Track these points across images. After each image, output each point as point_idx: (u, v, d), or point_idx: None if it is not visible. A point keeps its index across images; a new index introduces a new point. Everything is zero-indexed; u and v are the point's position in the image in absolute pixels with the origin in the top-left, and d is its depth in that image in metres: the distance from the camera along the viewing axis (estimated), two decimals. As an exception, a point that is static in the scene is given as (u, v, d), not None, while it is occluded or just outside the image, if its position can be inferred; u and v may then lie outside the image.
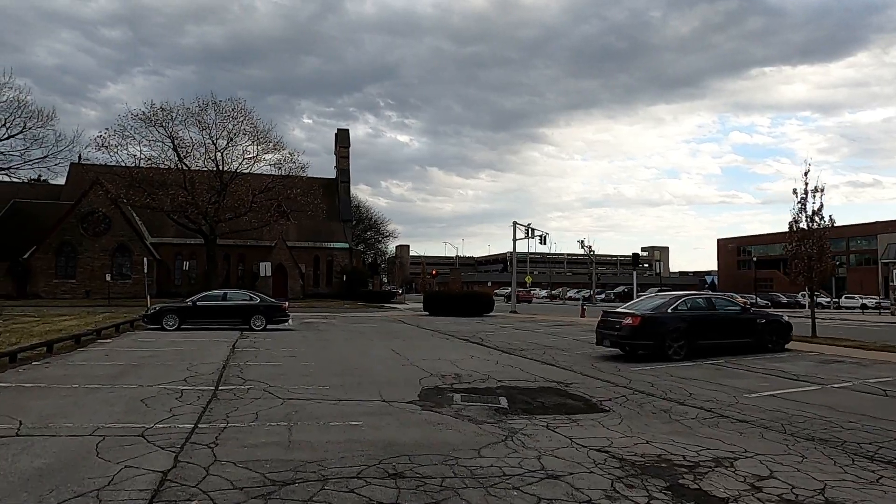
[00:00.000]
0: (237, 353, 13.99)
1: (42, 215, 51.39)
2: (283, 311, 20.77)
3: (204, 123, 45.18)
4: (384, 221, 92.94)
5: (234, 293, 21.05)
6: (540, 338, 19.59)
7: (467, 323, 26.47)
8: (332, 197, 64.56)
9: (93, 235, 51.26)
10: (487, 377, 11.36)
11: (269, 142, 46.60)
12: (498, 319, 29.26)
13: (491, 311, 31.61)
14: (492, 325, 25.07)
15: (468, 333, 20.97)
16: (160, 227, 55.58)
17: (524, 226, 39.32)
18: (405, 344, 17.15)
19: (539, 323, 26.95)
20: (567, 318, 30.27)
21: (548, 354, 14.83)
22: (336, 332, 21.08)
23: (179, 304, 20.19)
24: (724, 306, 14.05)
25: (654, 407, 8.77)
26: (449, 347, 16.57)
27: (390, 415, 7.85)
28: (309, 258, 60.03)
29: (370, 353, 14.84)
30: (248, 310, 20.18)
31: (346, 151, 66.90)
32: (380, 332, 21.57)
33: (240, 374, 10.79)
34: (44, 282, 49.77)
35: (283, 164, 47.24)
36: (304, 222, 59.57)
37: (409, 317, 31.10)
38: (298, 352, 14.54)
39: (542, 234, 42.53)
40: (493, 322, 27.42)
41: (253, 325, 20.11)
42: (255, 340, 17.07)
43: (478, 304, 30.62)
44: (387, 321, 27.70)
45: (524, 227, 39.41)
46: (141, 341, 16.22)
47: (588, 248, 56.97)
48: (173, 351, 13.93)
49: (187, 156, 44.89)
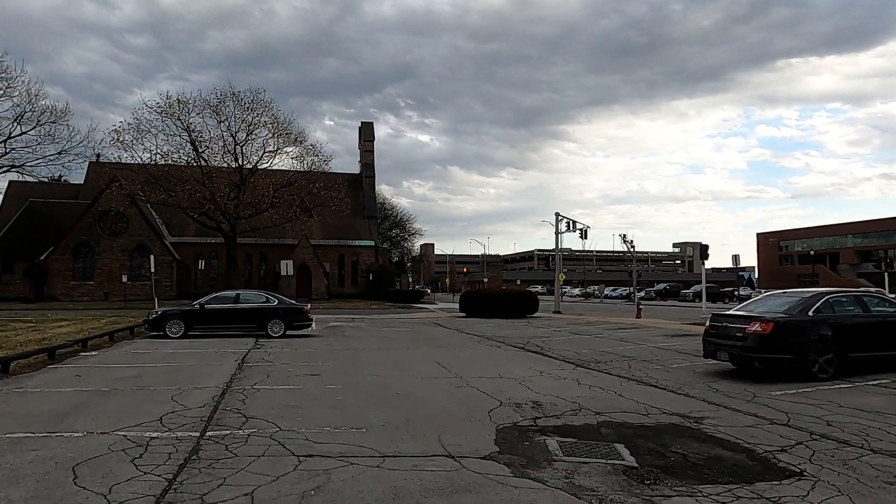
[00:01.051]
0: (246, 370, 11.10)
1: (59, 215, 49.68)
2: (305, 314, 17.93)
3: (222, 115, 42.79)
4: (410, 218, 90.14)
5: (249, 294, 18.27)
6: (610, 345, 16.37)
7: (512, 326, 23.35)
8: (357, 193, 61.97)
9: (111, 235, 49.37)
10: (578, 406, 8.27)
11: (289, 133, 44.06)
12: (545, 321, 26.08)
13: (536, 312, 28.43)
14: (542, 329, 21.91)
15: (520, 339, 17.86)
16: (180, 227, 53.55)
17: (567, 218, 36.04)
18: (451, 354, 14.11)
19: (595, 325, 23.69)
20: (624, 320, 26.92)
21: (637, 369, 11.65)
22: (365, 338, 18.16)
23: (185, 308, 17.47)
24: (878, 306, 10.67)
25: (874, 468, 5.57)
26: (505, 358, 13.48)
27: (469, 490, 4.80)
28: (333, 257, 57.48)
29: (411, 367, 11.84)
30: (265, 313, 17.37)
31: (371, 145, 64.23)
32: (416, 337, 18.59)
33: (242, 406, 7.85)
34: (61, 284, 48.02)
35: (305, 157, 44.66)
36: (328, 219, 57.03)
37: (444, 319, 28.09)
38: (322, 368, 11.59)
39: (582, 227, 39.25)
40: (541, 324, 24.25)
41: (270, 331, 17.30)
42: (270, 351, 14.20)
43: (521, 304, 27.46)
44: (420, 324, 24.73)
45: (566, 220, 36.12)
46: (133, 354, 13.47)
47: (629, 243, 53.33)
48: (165, 368, 11.10)
49: (205, 150, 42.57)
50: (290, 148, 45.14)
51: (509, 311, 27.00)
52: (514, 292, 28.42)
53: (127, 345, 15.27)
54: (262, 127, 44.35)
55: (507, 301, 27.13)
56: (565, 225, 38.17)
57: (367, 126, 64.95)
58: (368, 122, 65.24)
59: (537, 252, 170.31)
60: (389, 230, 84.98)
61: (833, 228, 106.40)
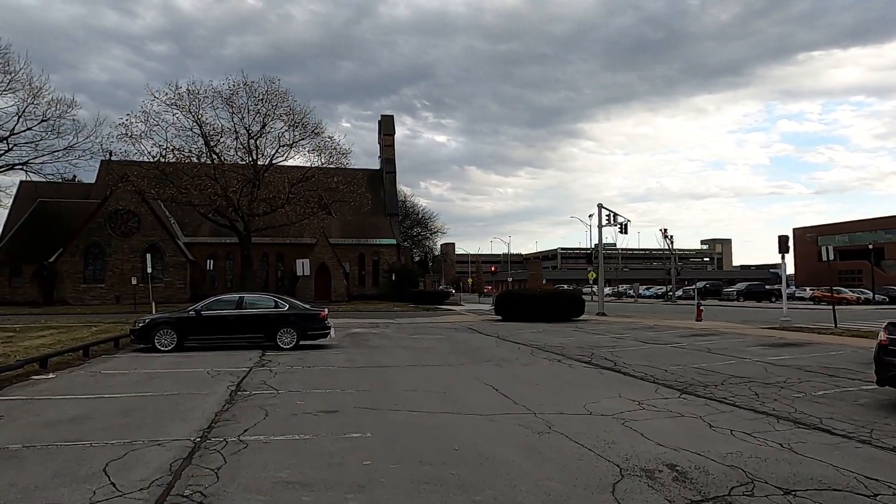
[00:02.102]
0: (238, 403, 8.14)
1: (69, 215, 47.63)
2: (321, 321, 14.99)
3: (235, 107, 40.23)
4: (432, 216, 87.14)
5: (255, 298, 15.36)
6: (701, 358, 13.12)
7: (561, 331, 20.18)
8: (377, 190, 59.15)
9: (122, 235, 47.18)
10: (744, 475, 5.13)
11: (306, 125, 41.32)
12: (595, 325, 22.85)
13: (582, 314, 25.15)
14: (600, 336, 18.69)
15: (579, 350, 14.70)
16: (194, 226, 51.24)
17: (609, 210, 32.71)
18: (505, 373, 11.02)
19: (659, 330, 20.39)
20: (685, 323, 23.54)
21: (771, 399, 8.44)
22: (394, 349, 15.15)
23: (178, 315, 14.60)
24: None
25: None
26: (578, 380, 10.36)
27: None
28: (353, 256, 54.73)
29: (461, 396, 8.78)
30: (273, 321, 14.47)
31: (391, 139, 61.36)
32: (454, 348, 15.54)
33: (211, 487, 4.83)
34: (71, 287, 45.93)
35: (323, 150, 41.88)
36: (348, 217, 54.27)
37: (478, 323, 25.00)
38: (343, 398, 8.58)
39: (623, 220, 35.89)
40: (592, 329, 21.04)
41: (280, 341, 14.41)
42: (276, 370, 11.26)
43: (565, 306, 24.23)
44: (452, 329, 21.68)
45: (608, 213, 32.79)
46: (101, 376, 10.59)
47: (669, 238, 49.80)
48: (129, 402, 8.17)
49: (217, 143, 40.02)
50: (307, 141, 42.44)
51: (553, 314, 23.82)
52: (558, 292, 25.15)
53: (103, 361, 12.44)
54: (277, 119, 41.76)
55: (551, 303, 23.89)
56: (605, 218, 34.88)
57: (387, 119, 62.07)
58: (388, 116, 62.39)
59: (560, 250, 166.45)
60: (411, 228, 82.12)
61: (878, 222, 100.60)
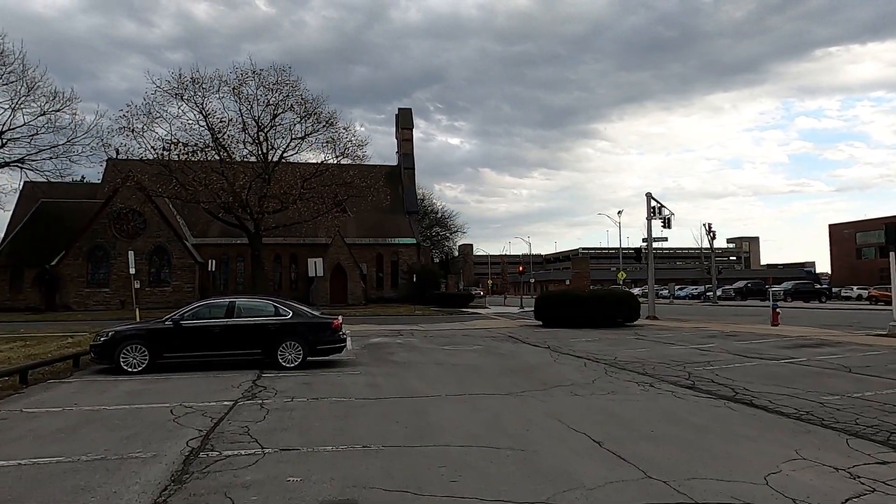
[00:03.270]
0: (187, 487, 4.93)
1: (72, 216, 45.17)
2: (335, 330, 11.82)
3: (243, 97, 37.44)
4: (451, 215, 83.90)
5: (250, 303, 12.10)
6: (856, 384, 9.68)
7: (623, 340, 16.82)
8: (395, 187, 56.11)
9: (127, 237, 44.56)
10: None
11: (318, 114, 38.38)
12: (657, 331, 19.42)
13: (637, 318, 21.71)
14: (678, 347, 15.28)
15: (668, 368, 11.36)
16: (203, 227, 48.53)
17: (656, 202, 29.20)
18: (596, 412, 7.72)
19: (744, 338, 16.87)
20: (763, 328, 20.00)
21: None
22: (426, 367, 11.91)
23: (151, 326, 11.46)
24: None
25: None
26: (714, 425, 7.01)
27: None
28: (371, 257, 51.70)
29: (559, 467, 5.50)
30: (273, 332, 11.33)
31: (409, 133, 58.28)
32: (500, 364, 12.28)
33: None
34: (74, 291, 43.43)
35: (337, 142, 38.88)
36: (364, 215, 51.26)
37: (516, 329, 21.71)
38: (363, 474, 5.31)
39: (668, 214, 32.38)
40: (660, 337, 17.62)
41: (281, 358, 11.28)
42: (269, 406, 8.07)
43: (618, 310, 20.80)
44: (489, 337, 18.41)
45: (656, 203, 29.30)
46: (21, 416, 7.46)
47: (711, 234, 46.09)
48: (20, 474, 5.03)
49: (224, 134, 37.24)
50: (320, 133, 39.49)
51: (602, 319, 20.44)
52: (610, 294, 21.66)
53: (45, 390, 9.36)
54: (289, 110, 38.88)
55: (603, 305, 20.46)
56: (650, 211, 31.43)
57: (405, 113, 59.00)
58: (406, 109, 59.31)
59: (581, 251, 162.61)
60: (430, 228, 79.00)
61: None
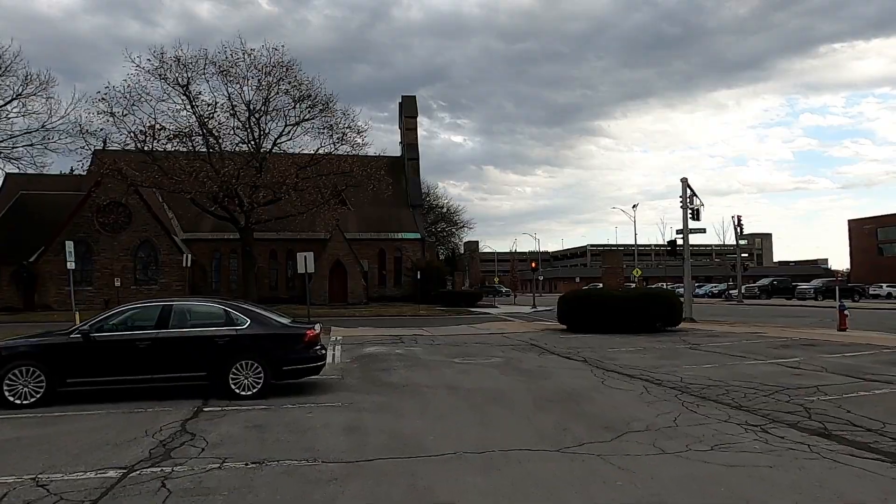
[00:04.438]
0: None
1: (53, 209, 42.27)
2: (309, 344, 8.71)
3: (231, 76, 34.35)
4: (457, 210, 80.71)
5: (192, 308, 8.81)
6: None
7: (673, 351, 13.67)
8: (399, 180, 53.01)
9: (111, 231, 41.71)
10: None
11: (313, 97, 35.25)
12: (708, 339, 16.23)
13: (679, 323, 18.46)
14: (752, 362, 12.07)
15: (775, 400, 8.19)
16: (195, 221, 45.43)
17: (691, 189, 25.96)
18: (704, 482, 4.58)
19: (827, 348, 13.68)
20: (834, 336, 16.75)
21: None
22: (433, 395, 8.72)
23: (52, 341, 8.33)
24: None
25: None
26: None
27: None
28: (372, 253, 48.62)
29: None
30: (223, 348, 8.24)
31: (413, 122, 55.13)
32: (536, 390, 9.12)
33: None
34: (54, 289, 40.51)
35: (335, 127, 35.76)
36: (366, 209, 48.18)
37: (537, 334, 18.58)
38: None
39: (698, 204, 29.18)
40: (717, 346, 14.43)
41: (235, 384, 8.22)
42: (174, 482, 4.95)
43: (659, 313, 17.52)
44: (509, 346, 15.28)
45: (690, 193, 26.06)
46: None
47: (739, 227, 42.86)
48: None
49: (211, 118, 34.18)
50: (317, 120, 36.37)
51: (639, 323, 17.26)
52: (649, 295, 18.30)
53: None
54: (283, 94, 35.78)
55: (640, 308, 17.20)
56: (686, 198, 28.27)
57: (409, 100, 55.78)
58: (410, 97, 56.01)
59: (590, 247, 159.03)
60: (435, 224, 75.87)
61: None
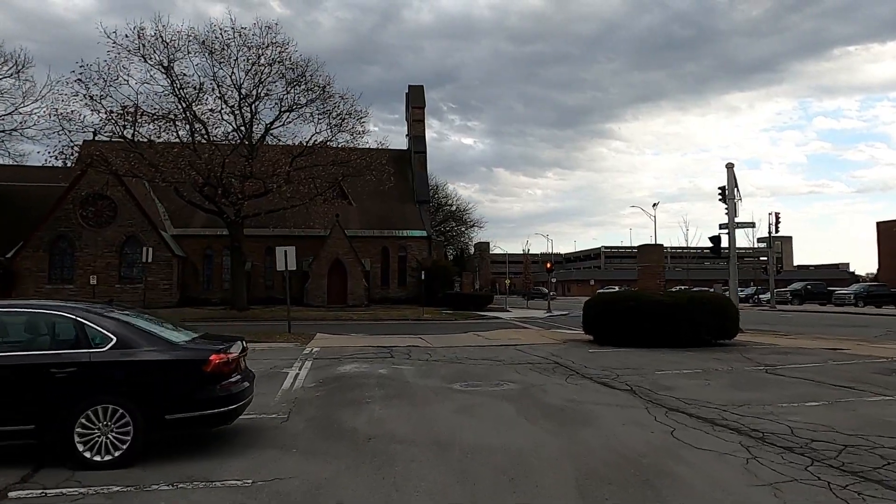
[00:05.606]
0: None
1: (33, 203, 39.57)
2: (215, 376, 5.44)
3: (217, 55, 31.38)
4: (467, 208, 77.38)
5: (20, 316, 5.86)
6: None
7: (743, 374, 10.28)
8: (405, 174, 49.86)
9: (95, 226, 38.89)
10: None
11: (308, 80, 32.17)
12: (780, 356, 12.81)
13: (735, 335, 14.95)
14: (878, 404, 8.65)
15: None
16: (188, 216, 42.41)
17: (734, 181, 22.49)
18: None
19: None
20: None
21: None
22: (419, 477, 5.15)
23: None
24: None
25: None
26: None
27: None
28: (375, 251, 45.40)
29: None
30: (65, 384, 5.08)
31: (421, 113, 51.91)
32: (576, 454, 5.80)
33: None
34: (33, 288, 37.72)
35: (332, 111, 32.69)
36: (368, 204, 45.03)
37: (558, 346, 15.23)
38: None
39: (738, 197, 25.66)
40: (800, 369, 11.00)
41: (84, 443, 5.02)
42: None
43: (711, 321, 14.09)
44: (526, 365, 11.94)
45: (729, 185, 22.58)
46: None
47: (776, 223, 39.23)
48: None
49: (197, 102, 31.22)
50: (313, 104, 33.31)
51: (686, 335, 13.87)
52: (699, 299, 14.74)
53: None
54: (279, 78, 32.77)
55: (689, 315, 13.78)
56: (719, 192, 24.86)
57: (416, 90, 52.56)
58: (417, 86, 52.78)
59: (604, 249, 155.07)
60: (443, 222, 72.63)
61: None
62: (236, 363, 5.84)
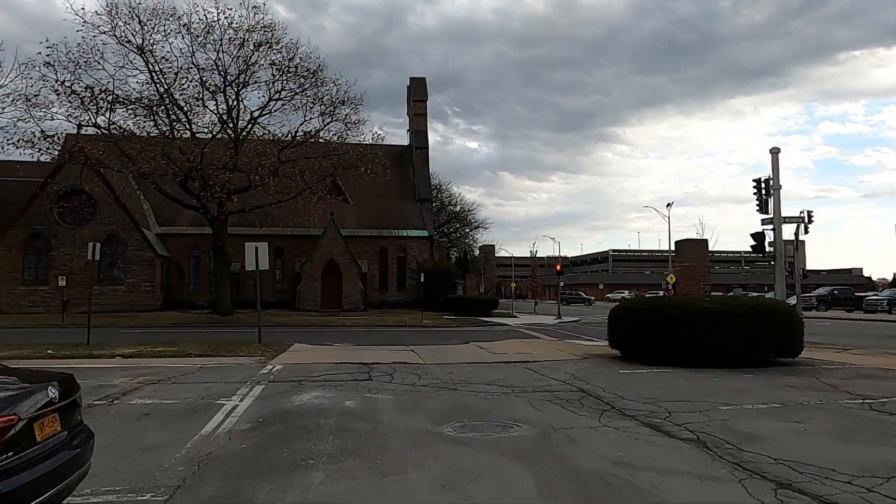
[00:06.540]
0: None
1: (7, 199, 37.13)
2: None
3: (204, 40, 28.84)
4: (472, 208, 74.61)
5: None
6: None
7: (849, 413, 7.47)
8: (405, 171, 47.20)
9: (72, 224, 36.42)
10: None
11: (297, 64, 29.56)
12: (867, 381, 10.00)
13: (799, 352, 12.02)
14: None
15: None
16: (175, 214, 39.84)
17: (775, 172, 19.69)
18: None
19: None
20: None
21: None
22: None
23: None
24: None
25: None
26: None
27: None
28: (373, 252, 42.69)
29: None
30: None
31: (423, 107, 49.21)
32: None
33: None
34: (6, 290, 35.33)
35: (323, 97, 30.07)
36: (366, 202, 42.36)
37: (580, 365, 12.44)
38: None
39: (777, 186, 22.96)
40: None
41: None
42: None
43: (769, 334, 11.24)
44: (541, 393, 9.15)
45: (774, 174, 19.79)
46: None
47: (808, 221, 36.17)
48: None
49: (175, 83, 28.64)
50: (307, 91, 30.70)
51: (739, 352, 11.06)
52: (755, 308, 11.77)
53: None
54: (269, 66, 30.19)
55: (741, 327, 10.96)
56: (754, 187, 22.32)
57: (418, 82, 49.83)
58: (419, 78, 50.02)
59: (612, 252, 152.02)
60: (447, 223, 69.88)
61: None
62: (14, 434, 3.08)
